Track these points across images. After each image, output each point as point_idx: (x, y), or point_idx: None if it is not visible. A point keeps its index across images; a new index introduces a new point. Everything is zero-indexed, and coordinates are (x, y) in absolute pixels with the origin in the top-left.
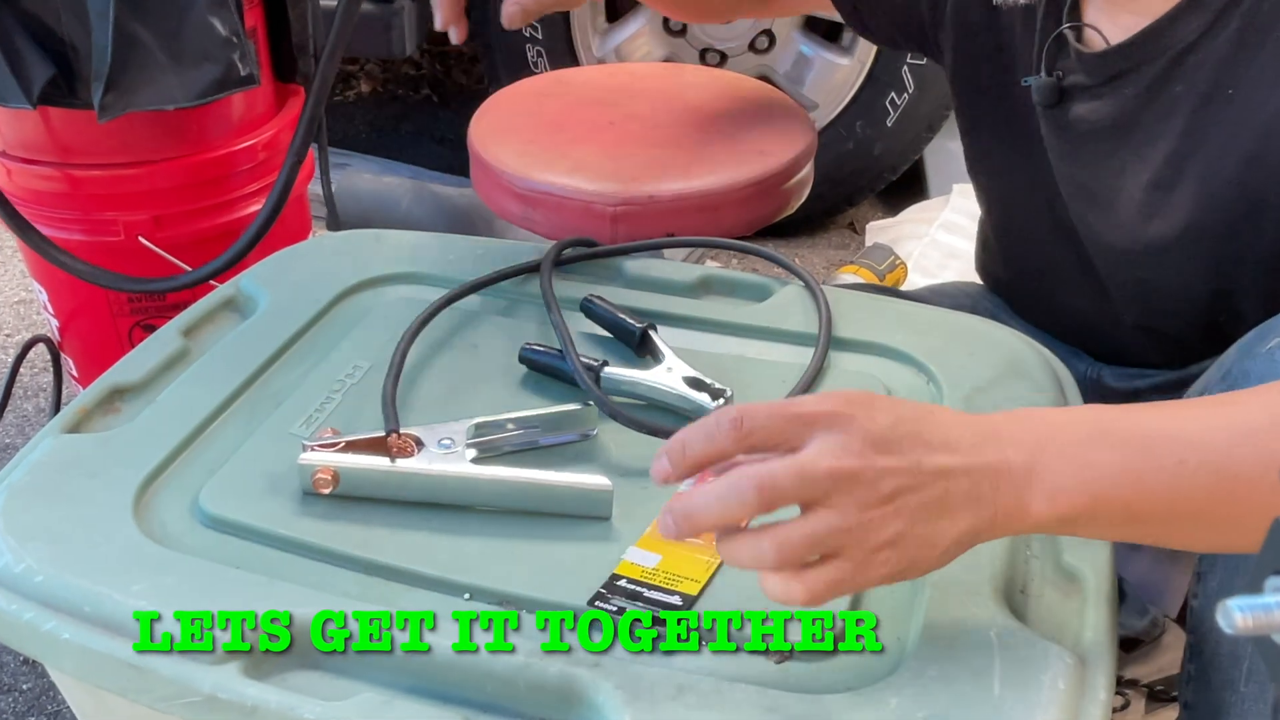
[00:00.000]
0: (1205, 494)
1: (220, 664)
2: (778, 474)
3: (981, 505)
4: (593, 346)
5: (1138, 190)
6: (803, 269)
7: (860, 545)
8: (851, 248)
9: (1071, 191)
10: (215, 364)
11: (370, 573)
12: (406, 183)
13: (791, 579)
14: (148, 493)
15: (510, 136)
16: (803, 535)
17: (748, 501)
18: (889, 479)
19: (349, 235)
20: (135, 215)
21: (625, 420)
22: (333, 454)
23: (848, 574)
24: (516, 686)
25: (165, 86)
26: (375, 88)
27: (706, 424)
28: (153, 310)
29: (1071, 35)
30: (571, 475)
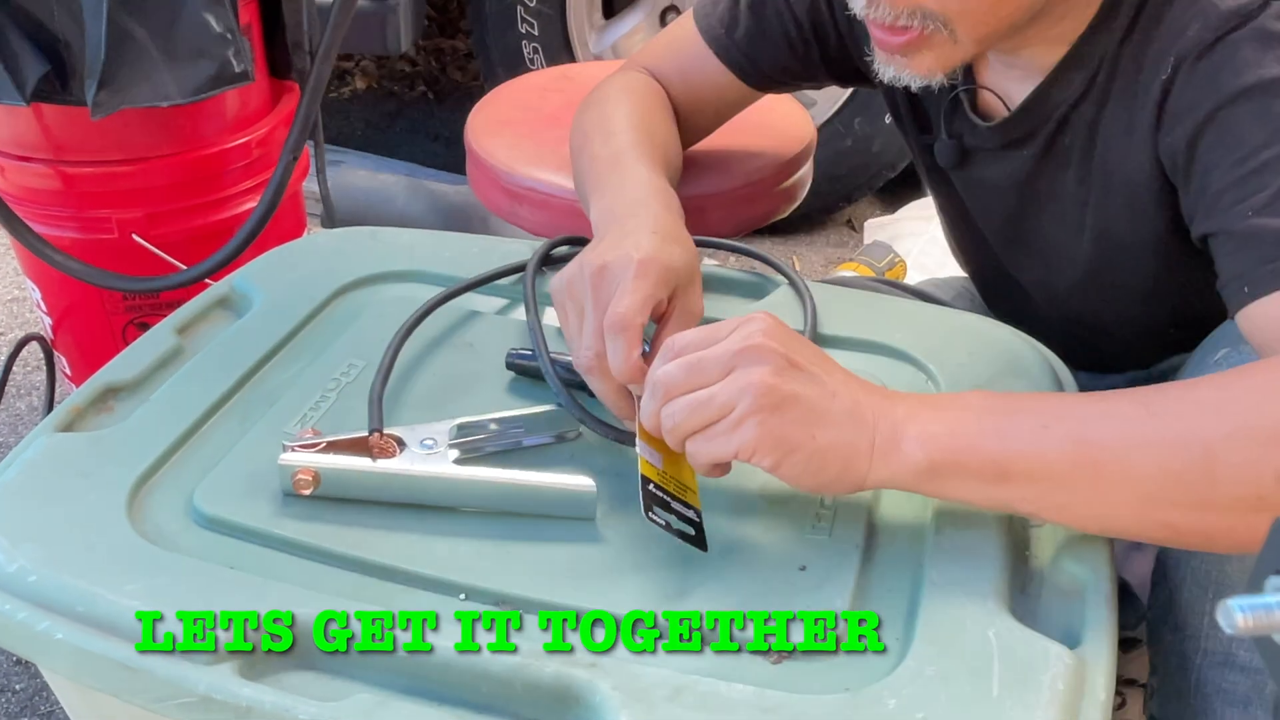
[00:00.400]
0: (1068, 460)
1: (215, 664)
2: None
3: (861, 427)
4: None
5: (1052, 236)
6: (789, 266)
7: (754, 406)
8: (850, 245)
9: (995, 238)
10: (209, 363)
11: (365, 573)
12: (402, 180)
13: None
14: (141, 492)
15: (505, 131)
16: (710, 395)
17: (677, 380)
18: (792, 369)
19: (344, 233)
20: (129, 213)
21: (594, 425)
22: (313, 454)
23: (736, 430)
24: (513, 687)
25: (159, 83)
26: (371, 84)
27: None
28: (147, 308)
29: (966, 100)
30: (554, 476)
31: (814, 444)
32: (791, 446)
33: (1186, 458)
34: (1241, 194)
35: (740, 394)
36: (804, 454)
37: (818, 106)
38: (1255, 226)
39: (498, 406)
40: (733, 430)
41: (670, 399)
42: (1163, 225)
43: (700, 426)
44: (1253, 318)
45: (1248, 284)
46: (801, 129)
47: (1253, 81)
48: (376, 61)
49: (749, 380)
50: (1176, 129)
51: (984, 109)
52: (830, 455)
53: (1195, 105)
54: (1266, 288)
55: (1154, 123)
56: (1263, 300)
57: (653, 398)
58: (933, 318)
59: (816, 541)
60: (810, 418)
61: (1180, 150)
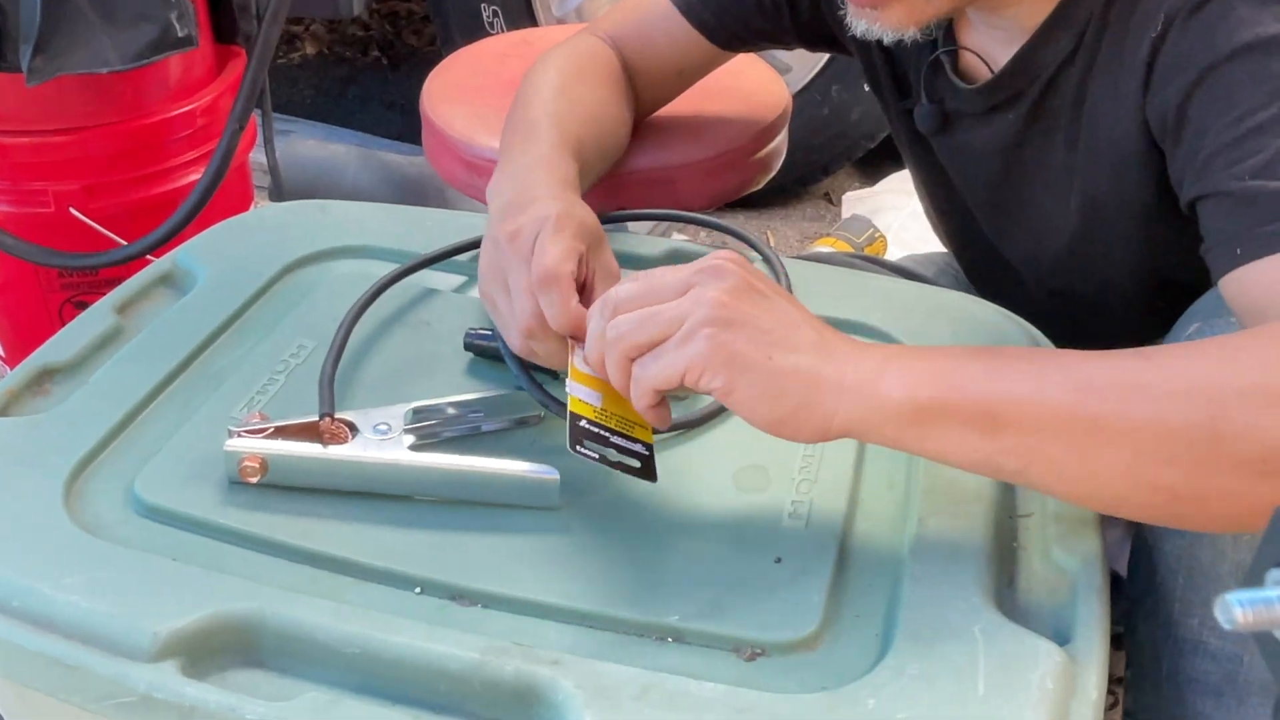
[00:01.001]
0: (1065, 408)
1: (156, 662)
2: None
3: (827, 358)
4: None
5: (1039, 204)
6: (763, 242)
7: (708, 318)
8: (827, 219)
9: (980, 208)
10: (151, 343)
11: (316, 565)
12: (354, 150)
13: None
14: (80, 480)
15: (463, 99)
16: (661, 309)
17: (630, 296)
18: (753, 291)
19: (293, 206)
20: (66, 185)
21: (555, 408)
22: (260, 440)
23: (685, 345)
24: (471, 685)
25: (98, 48)
26: (321, 50)
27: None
28: (85, 286)
29: (947, 62)
30: (515, 463)
31: (770, 364)
32: (746, 364)
33: (1190, 410)
34: (1236, 156)
35: (694, 306)
36: (759, 374)
37: (793, 73)
38: (1253, 189)
39: (456, 389)
40: (681, 345)
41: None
42: (1150, 191)
43: (646, 342)
44: (1242, 281)
45: (1240, 245)
46: (776, 95)
47: (1249, 39)
48: (327, 25)
49: (704, 295)
50: (1166, 89)
51: (966, 71)
52: (790, 381)
53: (1187, 64)
54: (1261, 251)
55: (1142, 83)
56: (1257, 264)
57: (600, 316)
58: (914, 296)
59: (792, 532)
60: (769, 339)
61: (1170, 111)
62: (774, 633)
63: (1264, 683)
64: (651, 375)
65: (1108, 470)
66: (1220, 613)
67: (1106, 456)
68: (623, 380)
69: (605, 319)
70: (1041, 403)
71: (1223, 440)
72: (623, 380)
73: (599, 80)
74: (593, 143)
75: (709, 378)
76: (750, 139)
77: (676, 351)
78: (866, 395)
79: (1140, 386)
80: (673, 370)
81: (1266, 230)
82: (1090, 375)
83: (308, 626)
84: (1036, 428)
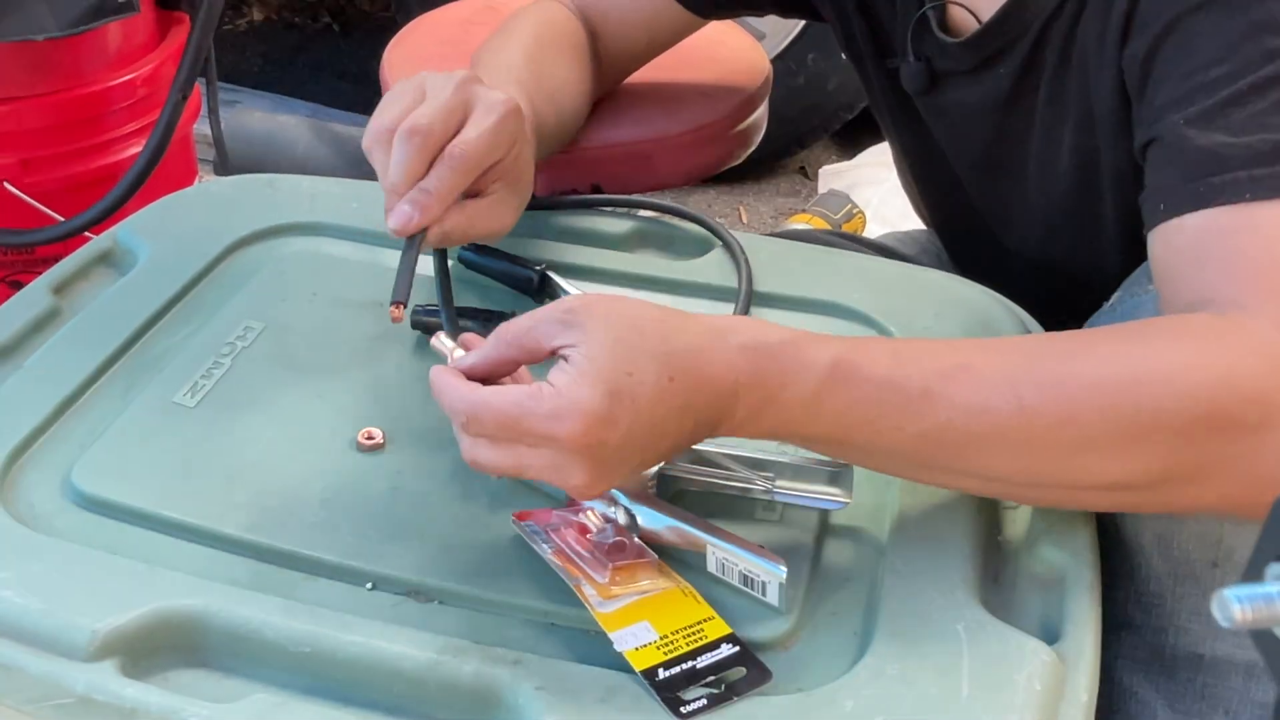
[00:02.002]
0: (917, 455)
1: (95, 661)
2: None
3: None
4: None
5: (1030, 162)
6: (722, 226)
7: (575, 485)
8: (803, 194)
9: (968, 171)
10: (89, 325)
11: (263, 559)
12: (304, 122)
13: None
14: (14, 469)
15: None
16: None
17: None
18: (603, 433)
19: (239, 181)
20: (1, 159)
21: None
22: None
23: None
24: (426, 687)
25: (33, 14)
26: (269, 15)
27: (446, 403)
28: (19, 265)
29: (934, 17)
30: (745, 553)
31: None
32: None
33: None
34: (1182, 106)
35: (556, 472)
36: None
37: (767, 40)
38: (1184, 137)
39: (407, 370)
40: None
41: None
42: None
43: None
44: (1160, 237)
45: (1163, 200)
46: (756, 64)
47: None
48: None
49: (565, 484)
50: (1137, 40)
51: (954, 28)
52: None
53: (1157, 15)
54: (1181, 207)
55: (1120, 35)
56: (1173, 221)
57: (456, 424)
58: (895, 275)
59: (767, 526)
60: (637, 462)
61: (1138, 62)
62: (746, 631)
63: (1191, 656)
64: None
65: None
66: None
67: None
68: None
69: (460, 427)
70: (892, 454)
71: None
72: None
73: (561, 50)
74: (544, 108)
75: None
76: (730, 111)
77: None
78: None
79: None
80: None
81: (1189, 188)
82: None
83: (255, 624)
84: (890, 460)
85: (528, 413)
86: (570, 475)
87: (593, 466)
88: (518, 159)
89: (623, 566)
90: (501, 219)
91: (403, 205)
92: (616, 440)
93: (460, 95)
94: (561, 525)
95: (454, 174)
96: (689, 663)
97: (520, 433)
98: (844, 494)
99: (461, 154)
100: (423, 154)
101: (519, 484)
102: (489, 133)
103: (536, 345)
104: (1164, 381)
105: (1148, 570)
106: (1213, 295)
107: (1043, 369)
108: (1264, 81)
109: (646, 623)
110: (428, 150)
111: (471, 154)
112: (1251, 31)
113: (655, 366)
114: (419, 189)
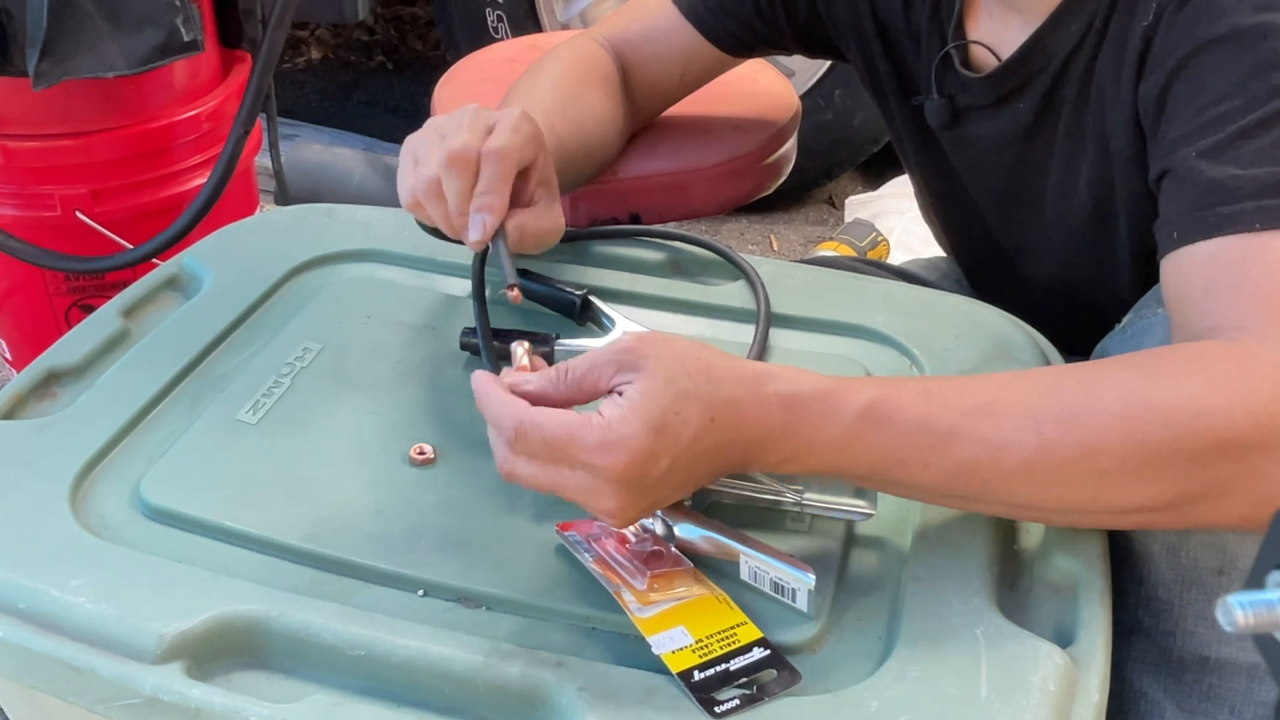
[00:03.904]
0: (947, 489)
1: (162, 664)
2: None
3: (736, 466)
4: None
5: (1048, 193)
6: (740, 256)
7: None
8: (830, 223)
9: (988, 202)
10: (157, 346)
11: (320, 568)
12: (359, 154)
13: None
14: (86, 482)
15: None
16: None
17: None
18: (645, 467)
19: (298, 210)
20: (73, 189)
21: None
22: None
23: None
24: (475, 688)
25: (104, 53)
26: (326, 54)
27: (494, 427)
28: (91, 290)
29: (956, 56)
30: (775, 560)
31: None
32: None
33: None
34: (1193, 139)
35: (595, 500)
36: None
37: (797, 78)
38: (1195, 169)
39: (456, 389)
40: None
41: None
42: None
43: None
44: (1173, 265)
45: (1176, 229)
46: (786, 99)
47: (1224, 31)
48: (333, 30)
49: (602, 498)
50: (1151, 77)
51: (976, 65)
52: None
53: (1170, 54)
54: (1192, 236)
55: (1135, 73)
56: (1185, 249)
57: (500, 441)
58: (917, 299)
59: (796, 536)
60: (670, 495)
61: (1153, 98)
62: (777, 635)
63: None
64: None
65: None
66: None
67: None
68: None
69: (504, 446)
70: (919, 489)
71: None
72: None
73: (589, 82)
74: (572, 136)
75: None
76: (762, 144)
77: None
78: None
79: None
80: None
81: (1199, 216)
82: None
83: (313, 629)
84: (919, 493)
85: (577, 440)
86: (604, 501)
87: (627, 496)
88: (547, 164)
89: (660, 574)
90: (554, 219)
91: (474, 216)
92: (656, 475)
93: (478, 118)
94: (603, 535)
95: (498, 170)
96: (723, 665)
97: (564, 457)
98: (869, 506)
99: (498, 149)
100: (468, 174)
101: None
102: (510, 132)
103: (594, 388)
104: (1178, 409)
105: (1156, 578)
106: (1223, 321)
107: (1062, 403)
108: (1271, 116)
109: (683, 627)
110: (471, 169)
111: (505, 148)
112: (1259, 69)
113: (700, 409)
114: (478, 195)
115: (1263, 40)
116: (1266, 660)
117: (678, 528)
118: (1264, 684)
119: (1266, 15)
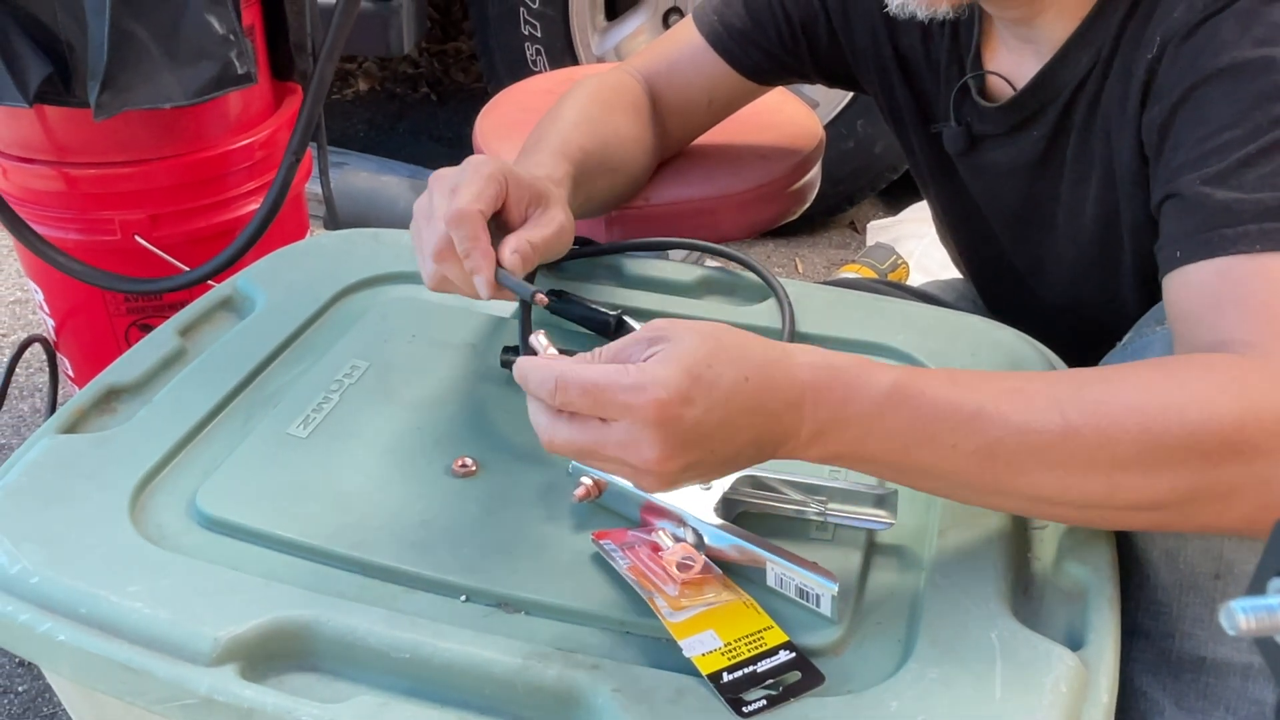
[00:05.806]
0: (971, 474)
1: (217, 666)
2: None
3: (771, 449)
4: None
5: (1059, 216)
6: (769, 272)
7: (650, 477)
8: (852, 247)
9: (1002, 225)
10: (212, 364)
11: (368, 574)
12: (405, 181)
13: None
14: (144, 493)
15: (513, 133)
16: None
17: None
18: (684, 430)
19: (347, 234)
20: (132, 214)
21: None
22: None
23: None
24: (515, 689)
25: (162, 84)
26: (373, 86)
27: (535, 392)
28: (149, 310)
29: (973, 85)
30: (799, 567)
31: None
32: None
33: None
34: (1197, 166)
35: (633, 466)
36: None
37: (820, 108)
38: (1200, 194)
39: (497, 404)
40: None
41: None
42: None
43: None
44: (1176, 283)
45: (1180, 249)
46: (810, 128)
47: (1226, 63)
48: (379, 63)
49: (640, 454)
50: (1155, 108)
51: (991, 95)
52: (743, 459)
53: (1174, 85)
54: (1195, 255)
55: (1140, 103)
56: (1189, 267)
57: (536, 407)
58: (935, 319)
59: (820, 545)
60: (709, 467)
61: (1156, 127)
62: (801, 639)
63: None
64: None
65: (1005, 503)
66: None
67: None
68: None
69: (542, 403)
70: (943, 472)
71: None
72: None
73: (615, 108)
74: (596, 152)
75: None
76: (787, 171)
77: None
78: (785, 454)
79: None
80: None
81: (1204, 236)
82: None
83: (360, 633)
84: (941, 480)
85: (612, 383)
86: (643, 449)
87: (664, 442)
88: (520, 185)
89: (691, 581)
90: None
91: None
92: (691, 419)
93: (442, 192)
94: (636, 544)
95: (465, 231)
96: (750, 667)
97: (602, 403)
98: (889, 516)
99: (455, 215)
100: (453, 251)
101: (598, 506)
102: (464, 188)
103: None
104: (1194, 406)
105: (1156, 581)
106: (1229, 336)
107: (1086, 393)
108: (1272, 145)
109: (712, 631)
110: (453, 246)
111: (460, 210)
112: (1261, 100)
113: (733, 367)
114: (464, 261)
115: (1264, 73)
116: (1267, 662)
117: (707, 536)
118: (1258, 683)
119: (1267, 49)
